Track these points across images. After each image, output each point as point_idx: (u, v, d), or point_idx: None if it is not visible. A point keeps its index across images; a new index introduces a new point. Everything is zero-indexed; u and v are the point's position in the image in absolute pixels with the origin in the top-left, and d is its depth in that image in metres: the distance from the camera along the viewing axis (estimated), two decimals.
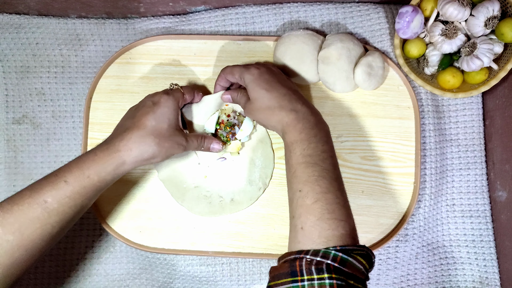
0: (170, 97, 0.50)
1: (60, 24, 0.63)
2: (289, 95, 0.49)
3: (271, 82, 0.50)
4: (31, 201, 0.43)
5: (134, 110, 0.51)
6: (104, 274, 0.61)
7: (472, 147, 0.61)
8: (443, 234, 0.61)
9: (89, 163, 0.46)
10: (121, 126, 0.50)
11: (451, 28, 0.54)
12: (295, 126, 0.47)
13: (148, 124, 0.48)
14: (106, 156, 0.46)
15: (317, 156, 0.45)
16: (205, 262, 0.60)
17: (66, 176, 0.45)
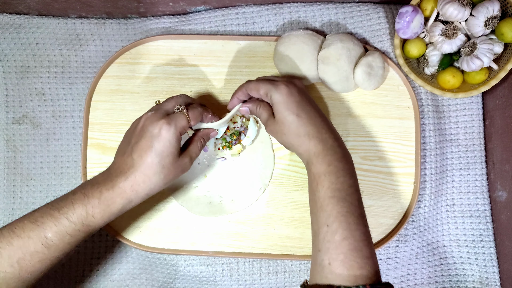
0: (171, 128, 0.46)
1: (60, 24, 0.63)
2: (318, 123, 0.48)
3: (301, 105, 0.48)
4: (31, 235, 0.42)
5: (133, 143, 0.46)
6: (104, 274, 0.61)
7: (472, 147, 0.61)
8: (443, 234, 0.61)
9: (94, 202, 0.44)
10: (122, 160, 0.46)
11: (451, 28, 0.54)
12: (323, 158, 0.46)
13: (150, 161, 0.45)
14: (112, 197, 0.45)
15: (345, 190, 0.45)
16: (205, 262, 0.60)
17: (69, 214, 0.44)
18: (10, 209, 0.61)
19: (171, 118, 0.46)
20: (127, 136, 0.49)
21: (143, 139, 0.46)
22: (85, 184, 0.46)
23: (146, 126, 0.46)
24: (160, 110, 0.48)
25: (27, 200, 0.61)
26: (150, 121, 0.46)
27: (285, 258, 0.58)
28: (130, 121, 0.60)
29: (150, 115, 0.47)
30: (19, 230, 0.43)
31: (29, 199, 0.61)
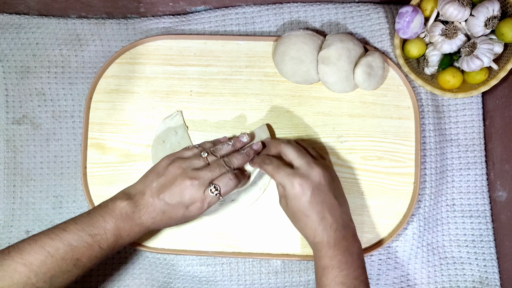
0: (203, 207, 0.50)
1: (60, 24, 0.63)
2: (327, 219, 0.49)
3: (311, 206, 0.49)
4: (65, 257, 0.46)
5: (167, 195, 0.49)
6: (104, 274, 0.61)
7: (472, 147, 0.61)
8: (443, 234, 0.61)
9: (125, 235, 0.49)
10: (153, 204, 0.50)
11: (451, 28, 0.54)
12: (326, 252, 0.48)
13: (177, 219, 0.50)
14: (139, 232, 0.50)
15: (349, 282, 0.47)
16: (205, 262, 0.60)
17: (101, 242, 0.48)
18: (10, 209, 0.61)
19: (205, 199, 0.50)
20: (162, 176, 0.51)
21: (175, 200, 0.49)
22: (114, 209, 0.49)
23: (185, 190, 0.49)
24: (203, 180, 0.50)
25: (27, 200, 0.61)
26: (190, 193, 0.49)
27: (285, 258, 0.58)
28: (130, 121, 0.60)
29: (192, 186, 0.49)
30: (52, 250, 0.46)
31: (29, 199, 0.61)
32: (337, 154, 0.59)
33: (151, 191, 0.50)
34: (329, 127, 0.60)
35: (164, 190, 0.49)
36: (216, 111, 0.60)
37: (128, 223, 0.49)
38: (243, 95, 0.60)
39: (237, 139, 0.55)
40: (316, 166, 0.50)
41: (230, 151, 0.53)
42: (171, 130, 0.60)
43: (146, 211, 0.49)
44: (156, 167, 0.52)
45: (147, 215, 0.49)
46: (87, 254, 0.47)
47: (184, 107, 0.61)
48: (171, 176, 0.50)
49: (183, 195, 0.49)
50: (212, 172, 0.50)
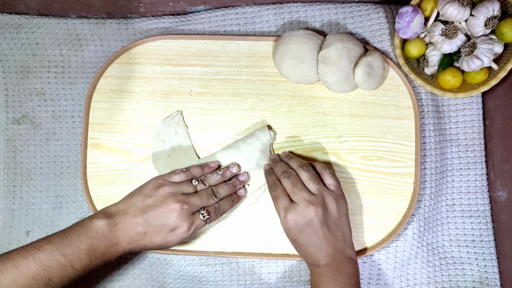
0: (189, 231, 0.51)
1: (60, 24, 0.63)
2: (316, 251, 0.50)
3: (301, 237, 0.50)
4: (36, 276, 0.45)
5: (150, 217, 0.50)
6: (104, 275, 0.61)
7: (472, 147, 0.61)
8: (443, 234, 0.61)
9: (99, 256, 0.48)
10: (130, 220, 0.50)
11: (451, 28, 0.54)
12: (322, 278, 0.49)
13: (157, 244, 0.50)
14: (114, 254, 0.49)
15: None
16: (205, 262, 0.60)
17: (74, 263, 0.47)
18: (10, 209, 0.61)
19: (193, 223, 0.51)
20: (149, 197, 0.51)
21: (160, 227, 0.50)
22: (91, 229, 0.48)
23: (170, 218, 0.50)
24: (193, 205, 0.51)
25: (27, 200, 0.61)
26: (177, 217, 0.50)
27: (285, 258, 0.58)
28: (130, 121, 0.60)
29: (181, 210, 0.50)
30: (24, 269, 0.45)
31: (29, 199, 0.61)
32: (337, 154, 0.59)
33: (135, 211, 0.50)
34: (329, 127, 0.60)
35: (148, 211, 0.50)
36: (216, 111, 0.60)
37: (103, 243, 0.48)
38: (243, 95, 0.60)
39: (227, 169, 0.56)
40: (309, 205, 0.50)
41: (219, 180, 0.55)
42: (171, 130, 0.60)
43: (125, 231, 0.49)
44: (143, 188, 0.52)
45: (125, 235, 0.49)
46: (58, 274, 0.46)
47: (184, 107, 0.61)
48: (159, 198, 0.50)
49: (169, 217, 0.49)
50: (201, 200, 0.52)
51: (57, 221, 0.61)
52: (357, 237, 0.58)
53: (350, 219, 0.58)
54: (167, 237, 0.50)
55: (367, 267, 0.59)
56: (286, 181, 0.52)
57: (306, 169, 0.53)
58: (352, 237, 0.53)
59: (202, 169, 0.55)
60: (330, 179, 0.53)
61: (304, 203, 0.50)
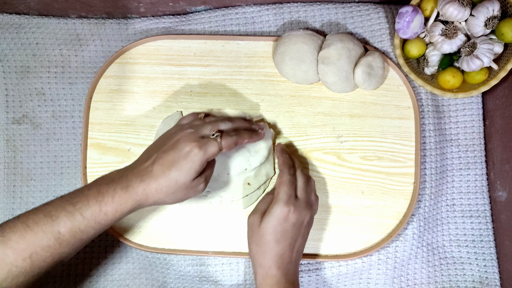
0: (200, 153, 0.46)
1: (60, 24, 0.63)
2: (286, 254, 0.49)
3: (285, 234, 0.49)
4: (45, 229, 0.42)
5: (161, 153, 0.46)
6: (104, 274, 0.61)
7: (472, 147, 0.61)
8: (443, 234, 0.61)
9: (108, 199, 0.44)
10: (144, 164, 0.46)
11: (451, 28, 0.54)
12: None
13: (168, 176, 0.45)
14: (125, 197, 0.45)
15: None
16: (205, 262, 0.60)
17: (83, 210, 0.44)
18: (10, 209, 0.61)
19: (204, 144, 0.46)
20: (158, 143, 0.49)
21: (171, 153, 0.46)
22: (100, 180, 0.46)
23: (179, 142, 0.47)
24: (198, 132, 0.48)
25: (27, 200, 0.61)
26: (184, 140, 0.47)
27: None
28: (130, 121, 0.60)
29: (188, 133, 0.48)
30: (33, 224, 0.42)
31: (29, 199, 0.61)
32: (337, 154, 0.59)
33: (144, 153, 0.49)
34: (329, 127, 0.60)
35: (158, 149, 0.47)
36: (216, 111, 0.60)
37: (112, 186, 0.45)
38: (243, 95, 0.60)
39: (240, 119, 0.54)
40: (311, 208, 0.51)
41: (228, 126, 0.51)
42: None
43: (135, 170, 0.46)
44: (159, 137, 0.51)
45: (135, 174, 0.45)
46: (68, 225, 0.43)
47: (184, 107, 0.61)
48: (167, 137, 0.49)
49: (177, 145, 0.46)
50: (209, 125, 0.49)
51: None
52: (357, 237, 0.58)
53: (350, 219, 0.58)
54: (181, 164, 0.45)
55: (367, 267, 0.59)
56: (302, 176, 0.52)
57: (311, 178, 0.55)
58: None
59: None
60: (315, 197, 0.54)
61: (306, 205, 0.50)
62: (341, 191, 0.59)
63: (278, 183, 0.51)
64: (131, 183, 0.45)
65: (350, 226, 0.58)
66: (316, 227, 0.58)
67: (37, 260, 0.42)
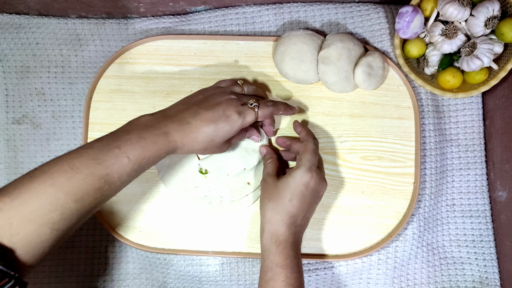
0: (239, 120, 0.49)
1: (60, 24, 0.63)
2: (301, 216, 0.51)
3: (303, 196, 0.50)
4: (94, 172, 0.42)
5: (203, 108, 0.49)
6: (104, 274, 0.61)
7: (472, 147, 0.61)
8: (443, 234, 0.61)
9: (150, 145, 0.45)
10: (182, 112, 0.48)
11: (451, 28, 0.54)
12: (283, 250, 0.49)
13: (208, 132, 0.48)
14: (165, 143, 0.46)
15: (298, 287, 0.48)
16: (205, 262, 0.60)
17: (128, 153, 0.44)
18: None
19: (243, 111, 0.50)
20: (196, 98, 0.51)
21: (212, 112, 0.48)
22: (136, 126, 0.46)
23: (221, 105, 0.49)
24: (240, 99, 0.51)
25: None
26: (227, 104, 0.49)
27: None
28: None
29: (229, 98, 0.50)
30: (82, 166, 0.42)
31: None
32: (337, 154, 0.59)
33: (184, 103, 0.50)
34: (329, 127, 0.60)
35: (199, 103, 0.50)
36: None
37: (152, 132, 0.45)
38: None
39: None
40: (325, 182, 0.53)
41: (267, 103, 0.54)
42: None
43: (174, 118, 0.48)
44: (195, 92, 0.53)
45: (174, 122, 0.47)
46: (116, 168, 0.43)
47: None
48: (210, 94, 0.51)
49: (219, 106, 0.49)
50: (248, 96, 0.53)
51: None
52: (357, 237, 0.58)
53: (350, 219, 0.58)
54: (220, 125, 0.48)
55: (367, 267, 0.59)
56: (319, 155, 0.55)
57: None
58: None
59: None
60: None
61: (324, 178, 0.53)
62: (341, 191, 0.59)
63: (302, 151, 0.53)
64: (170, 131, 0.47)
65: (350, 226, 0.58)
66: (316, 227, 0.58)
67: (87, 201, 0.42)
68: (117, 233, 0.59)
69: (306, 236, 0.58)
